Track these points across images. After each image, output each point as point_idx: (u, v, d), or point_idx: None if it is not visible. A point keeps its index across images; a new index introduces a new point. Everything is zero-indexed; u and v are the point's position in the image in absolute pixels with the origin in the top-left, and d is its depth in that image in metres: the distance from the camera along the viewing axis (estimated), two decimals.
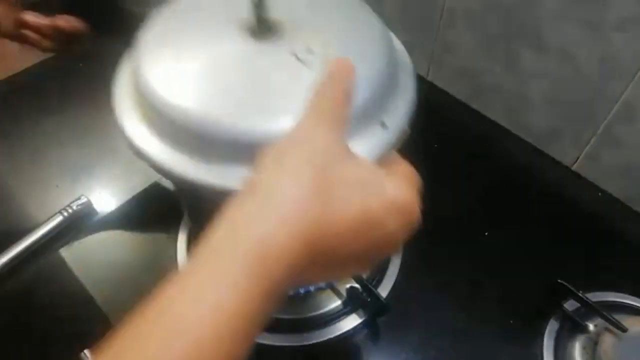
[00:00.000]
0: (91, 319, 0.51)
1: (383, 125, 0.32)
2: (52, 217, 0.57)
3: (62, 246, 0.56)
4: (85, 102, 0.71)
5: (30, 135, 0.68)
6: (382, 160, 0.30)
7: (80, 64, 0.75)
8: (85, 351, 0.45)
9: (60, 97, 0.72)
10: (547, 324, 0.51)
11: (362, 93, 0.30)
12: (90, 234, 0.58)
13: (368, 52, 0.33)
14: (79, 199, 0.58)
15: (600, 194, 0.63)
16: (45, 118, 0.69)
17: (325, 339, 0.49)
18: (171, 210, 0.58)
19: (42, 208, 0.59)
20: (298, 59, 0.31)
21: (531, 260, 0.56)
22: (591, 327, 0.49)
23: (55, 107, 0.71)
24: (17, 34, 0.47)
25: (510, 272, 0.55)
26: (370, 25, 0.36)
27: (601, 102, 0.56)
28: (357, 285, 0.52)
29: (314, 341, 0.49)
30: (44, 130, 0.68)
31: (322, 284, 0.50)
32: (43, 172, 0.64)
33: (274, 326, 0.50)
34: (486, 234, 0.58)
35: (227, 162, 0.30)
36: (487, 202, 0.62)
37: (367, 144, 0.31)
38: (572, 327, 0.50)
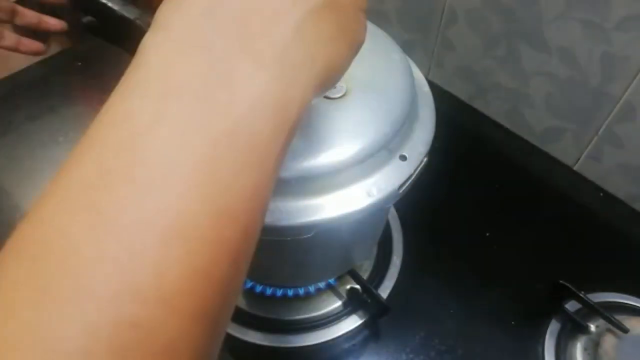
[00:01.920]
0: None
1: (403, 158, 0.33)
2: None
3: None
4: (84, 101, 0.71)
5: (28, 134, 0.68)
6: None
7: (79, 63, 0.75)
8: None
9: (59, 96, 0.72)
10: (548, 324, 0.51)
11: (382, 128, 0.31)
12: None
13: (389, 87, 0.33)
14: None
15: (601, 194, 0.62)
16: (44, 117, 0.69)
17: (325, 340, 0.49)
18: None
19: None
20: None
21: (532, 261, 0.56)
22: (592, 327, 0.49)
23: (54, 106, 0.70)
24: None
25: (511, 272, 0.55)
26: (392, 57, 0.36)
27: (602, 102, 0.56)
28: (357, 286, 0.52)
29: (314, 342, 0.49)
30: (43, 129, 0.68)
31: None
32: (41, 171, 0.64)
33: (274, 327, 0.50)
34: (487, 234, 0.58)
35: None
36: (487, 203, 0.61)
37: (387, 178, 0.31)
38: (573, 327, 0.50)
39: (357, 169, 0.31)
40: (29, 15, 0.45)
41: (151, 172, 0.15)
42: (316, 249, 0.40)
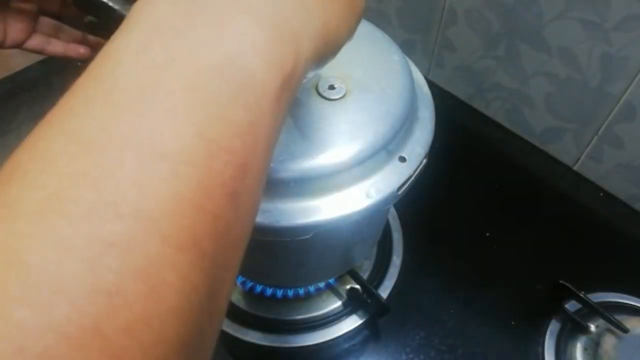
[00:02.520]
0: None
1: (402, 159, 0.33)
2: None
3: None
4: None
5: (28, 134, 0.68)
6: None
7: (79, 63, 0.75)
8: None
9: (59, 96, 0.72)
10: (548, 324, 0.51)
11: (381, 129, 0.31)
12: None
13: (388, 88, 0.33)
14: None
15: (601, 194, 0.62)
16: (44, 117, 0.69)
17: (325, 340, 0.49)
18: None
19: None
20: (320, 95, 0.32)
21: (532, 261, 0.56)
22: (592, 327, 0.49)
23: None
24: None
25: (511, 272, 0.55)
26: (391, 58, 0.36)
27: (602, 102, 0.56)
28: (357, 286, 0.52)
29: (314, 342, 0.49)
30: None
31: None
32: None
33: (274, 327, 0.50)
34: (487, 234, 0.58)
35: None
36: (487, 203, 0.61)
37: (386, 179, 0.31)
38: (573, 327, 0.50)
39: (356, 170, 0.31)
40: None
41: (131, 97, 0.15)
42: (315, 249, 0.40)
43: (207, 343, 0.15)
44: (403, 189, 0.32)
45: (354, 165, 0.30)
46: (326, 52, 0.21)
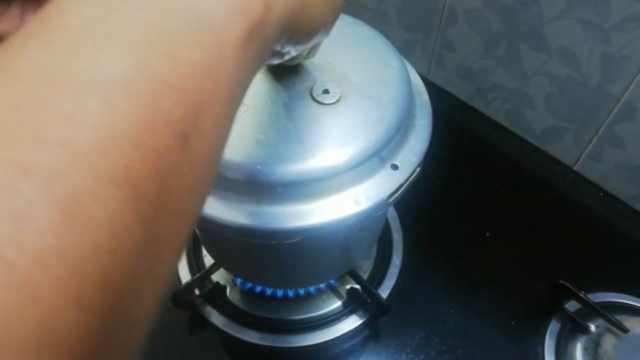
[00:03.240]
0: None
1: (394, 167, 0.32)
2: None
3: None
4: None
5: None
6: None
7: None
8: None
9: None
10: (548, 324, 0.51)
11: (374, 135, 0.31)
12: None
13: (384, 94, 0.33)
14: None
15: (601, 194, 0.62)
16: None
17: (325, 340, 0.49)
18: None
19: None
20: (314, 99, 0.32)
21: (532, 261, 0.56)
22: (592, 327, 0.49)
23: None
24: None
25: (511, 272, 0.55)
26: (389, 64, 0.36)
27: (602, 102, 0.56)
28: (357, 286, 0.52)
29: (314, 342, 0.49)
30: None
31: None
32: None
33: (274, 327, 0.50)
34: (487, 234, 0.58)
35: (241, 200, 0.30)
36: (487, 203, 0.61)
37: (377, 187, 0.31)
38: (573, 327, 0.50)
39: (346, 176, 0.30)
40: None
41: (72, 33, 0.14)
42: (308, 253, 0.40)
43: (145, 296, 0.14)
44: (394, 197, 0.32)
45: (344, 170, 0.30)
46: (301, 23, 0.20)
